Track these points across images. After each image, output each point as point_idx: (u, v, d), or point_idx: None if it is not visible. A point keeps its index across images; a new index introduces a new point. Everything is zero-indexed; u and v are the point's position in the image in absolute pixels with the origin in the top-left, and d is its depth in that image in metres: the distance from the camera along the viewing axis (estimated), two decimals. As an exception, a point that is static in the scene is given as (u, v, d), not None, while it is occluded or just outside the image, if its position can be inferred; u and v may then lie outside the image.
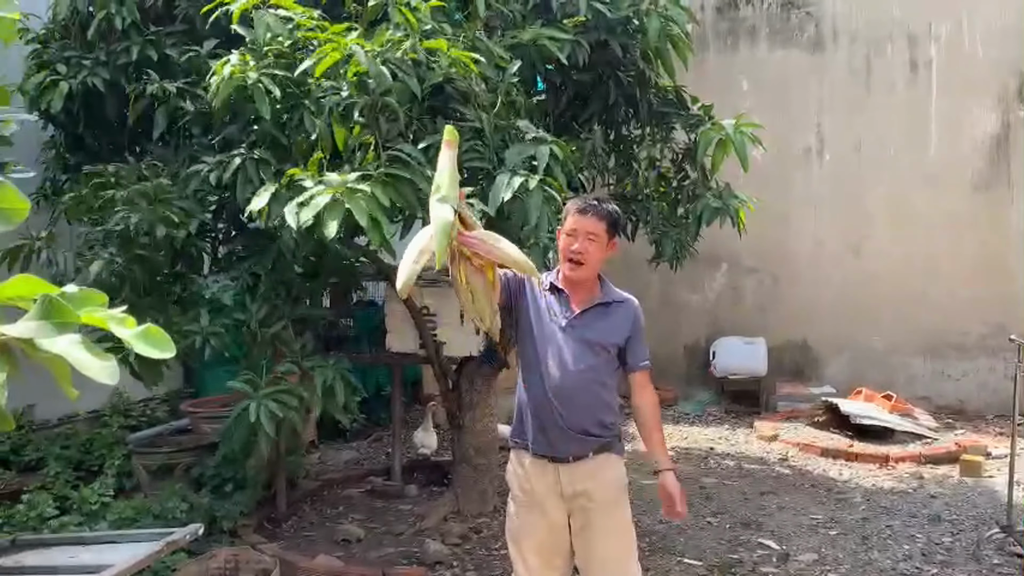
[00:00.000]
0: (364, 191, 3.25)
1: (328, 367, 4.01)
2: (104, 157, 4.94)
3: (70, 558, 3.28)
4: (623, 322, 2.86)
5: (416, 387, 8.08)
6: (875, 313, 8.36)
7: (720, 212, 4.95)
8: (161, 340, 0.85)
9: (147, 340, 0.85)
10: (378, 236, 3.29)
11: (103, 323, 0.82)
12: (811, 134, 8.63)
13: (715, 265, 8.74)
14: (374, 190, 3.29)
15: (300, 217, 3.21)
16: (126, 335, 0.84)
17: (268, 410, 3.70)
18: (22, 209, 0.75)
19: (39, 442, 5.22)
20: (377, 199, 3.28)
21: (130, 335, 0.84)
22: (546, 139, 3.90)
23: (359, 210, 3.19)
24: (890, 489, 5.76)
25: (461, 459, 5.15)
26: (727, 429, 7.73)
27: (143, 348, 0.83)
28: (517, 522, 2.90)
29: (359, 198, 3.22)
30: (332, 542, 4.63)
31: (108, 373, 0.79)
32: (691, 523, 5.05)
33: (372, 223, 3.24)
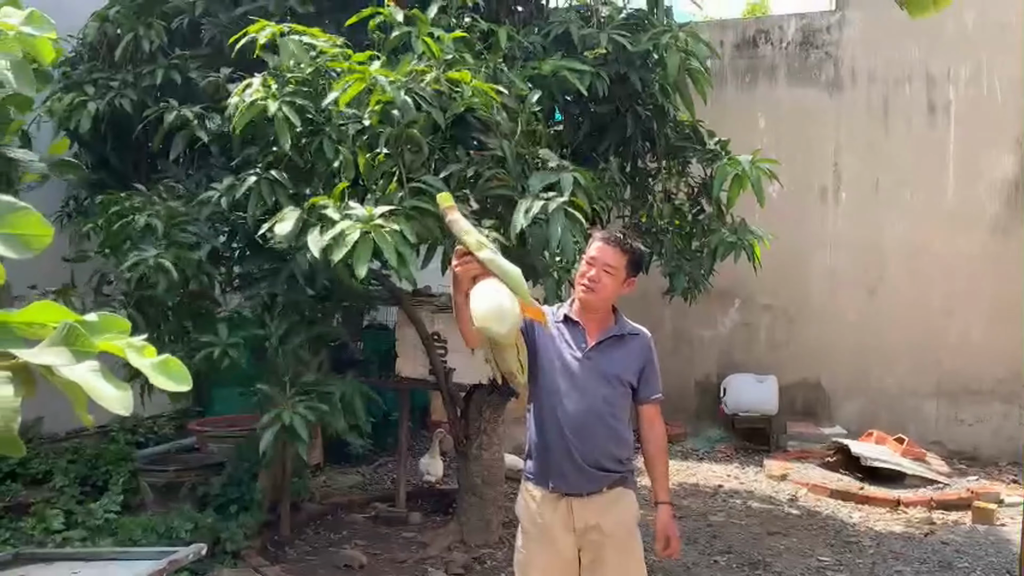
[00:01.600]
0: (392, 228, 3.27)
1: (346, 382, 4.04)
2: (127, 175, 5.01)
3: (73, 573, 3.26)
4: (637, 354, 2.85)
5: (424, 413, 8.05)
6: (889, 355, 8.29)
7: (735, 247, 4.94)
8: (178, 372, 0.86)
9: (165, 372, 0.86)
10: (406, 271, 3.33)
11: (121, 352, 0.83)
12: (828, 173, 8.63)
13: (728, 301, 8.71)
14: (401, 226, 3.32)
15: (334, 254, 3.24)
16: (144, 365, 0.85)
17: (301, 415, 3.70)
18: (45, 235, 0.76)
19: (46, 455, 5.22)
20: (404, 235, 3.31)
21: (148, 365, 0.85)
22: (568, 167, 3.92)
23: (387, 246, 3.23)
24: (900, 534, 5.68)
25: (467, 488, 5.12)
26: (736, 467, 7.65)
27: (160, 380, 0.84)
28: (526, 555, 2.86)
29: (386, 233, 3.25)
30: (334, 567, 4.60)
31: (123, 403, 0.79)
32: (697, 561, 4.98)
33: (399, 258, 3.27)
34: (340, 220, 3.35)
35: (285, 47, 3.89)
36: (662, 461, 2.91)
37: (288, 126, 3.71)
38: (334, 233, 3.29)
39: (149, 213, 3.99)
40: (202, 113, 4.40)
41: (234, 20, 4.69)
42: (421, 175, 3.70)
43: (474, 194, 3.97)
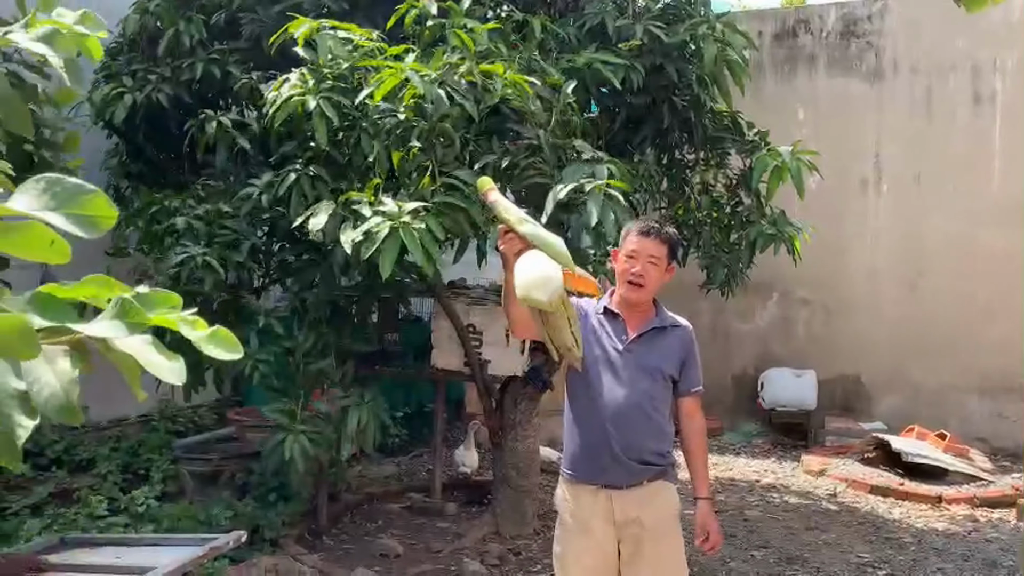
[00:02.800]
0: (419, 227, 3.29)
1: (364, 407, 4.04)
2: (163, 167, 5.09)
3: (116, 558, 3.33)
4: (678, 347, 2.83)
5: (459, 405, 8.09)
6: (930, 349, 8.15)
7: (774, 239, 4.89)
8: (230, 342, 0.87)
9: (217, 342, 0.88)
10: (431, 268, 3.35)
11: (173, 324, 0.85)
12: (869, 164, 8.50)
13: (766, 294, 8.62)
14: (429, 223, 3.34)
15: (362, 250, 3.27)
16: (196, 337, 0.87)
17: (301, 446, 3.75)
18: (110, 217, 0.79)
19: (90, 443, 5.33)
20: (432, 232, 3.32)
21: (200, 337, 0.87)
22: (603, 159, 3.90)
23: (413, 244, 3.25)
24: (942, 531, 5.58)
25: (502, 479, 5.13)
26: (773, 462, 7.58)
27: (213, 350, 0.86)
28: (565, 547, 2.85)
29: (414, 231, 3.27)
30: (371, 556, 4.64)
31: (176, 373, 0.81)
32: (734, 555, 4.94)
33: (425, 255, 3.29)
34: (371, 216, 3.38)
35: (323, 42, 3.92)
36: (702, 455, 2.88)
37: (325, 121, 3.74)
38: (364, 229, 3.32)
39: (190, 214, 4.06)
40: (240, 120, 4.44)
41: (272, 16, 4.74)
42: (454, 168, 3.71)
43: (510, 184, 3.97)
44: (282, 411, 3.92)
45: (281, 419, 3.89)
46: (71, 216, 0.77)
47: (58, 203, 0.77)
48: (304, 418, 3.90)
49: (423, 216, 3.39)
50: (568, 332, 2.38)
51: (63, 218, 0.77)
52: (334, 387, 4.13)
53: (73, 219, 0.77)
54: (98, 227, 0.78)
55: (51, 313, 0.77)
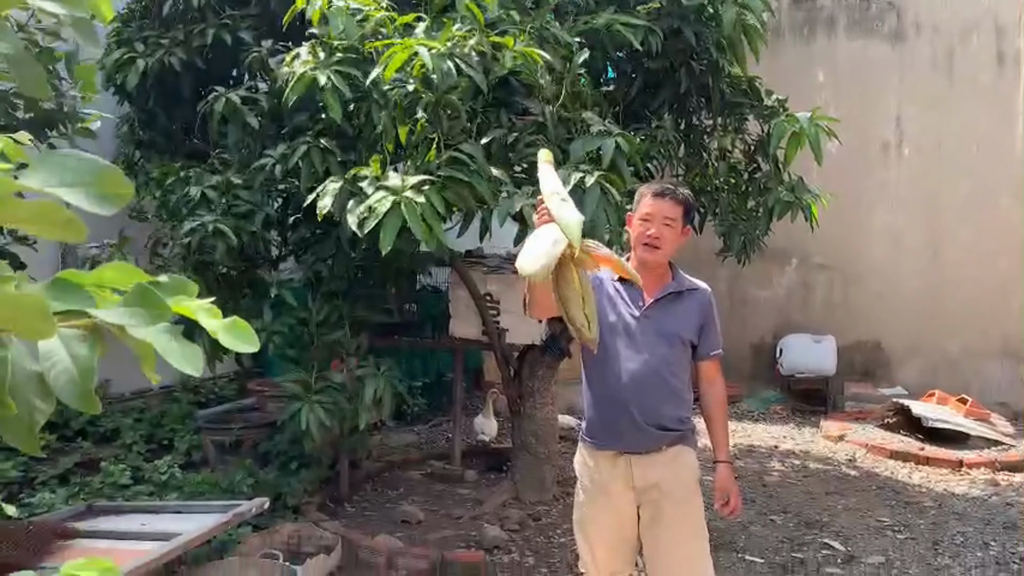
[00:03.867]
0: (421, 201, 3.27)
1: (379, 376, 4.05)
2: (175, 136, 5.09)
3: (142, 525, 3.39)
4: (697, 310, 2.80)
5: (477, 374, 8.13)
6: (951, 315, 8.09)
7: (792, 206, 4.84)
8: (246, 333, 0.88)
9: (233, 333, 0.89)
10: (434, 242, 3.34)
11: (191, 313, 0.85)
12: (889, 128, 8.38)
13: (785, 261, 8.57)
14: (431, 198, 3.32)
15: (366, 226, 3.26)
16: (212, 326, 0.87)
17: (317, 416, 3.77)
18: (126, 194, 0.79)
19: (114, 415, 5.41)
20: (434, 206, 3.31)
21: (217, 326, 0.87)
22: (612, 132, 3.85)
23: (414, 219, 3.23)
24: (963, 495, 5.58)
25: (521, 446, 5.16)
26: (792, 428, 7.58)
27: (229, 341, 0.87)
28: (585, 511, 2.86)
29: (415, 205, 3.25)
30: (392, 522, 4.69)
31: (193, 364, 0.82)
32: (754, 520, 4.97)
33: (426, 230, 3.27)
34: (374, 192, 3.37)
35: (335, 17, 3.88)
36: (722, 419, 2.87)
37: (338, 96, 3.72)
38: (367, 204, 3.32)
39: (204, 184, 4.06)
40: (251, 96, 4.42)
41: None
42: (461, 141, 3.68)
43: (513, 159, 3.95)
44: (297, 381, 3.94)
45: (296, 389, 3.92)
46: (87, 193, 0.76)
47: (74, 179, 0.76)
48: (319, 388, 3.92)
49: (426, 190, 3.37)
50: (580, 309, 2.34)
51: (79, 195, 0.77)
52: (349, 358, 4.15)
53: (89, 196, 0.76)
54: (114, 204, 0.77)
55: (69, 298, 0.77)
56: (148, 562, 2.91)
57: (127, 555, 2.95)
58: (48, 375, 0.74)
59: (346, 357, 4.18)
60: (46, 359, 0.74)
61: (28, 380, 0.74)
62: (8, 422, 0.75)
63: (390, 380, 4.07)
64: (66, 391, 0.74)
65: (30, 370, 0.75)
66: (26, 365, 0.75)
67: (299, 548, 4.04)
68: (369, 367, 4.08)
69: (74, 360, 0.75)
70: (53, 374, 0.74)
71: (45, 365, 0.74)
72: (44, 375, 0.74)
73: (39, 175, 0.75)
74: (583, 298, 2.33)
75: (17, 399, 0.73)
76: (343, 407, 3.93)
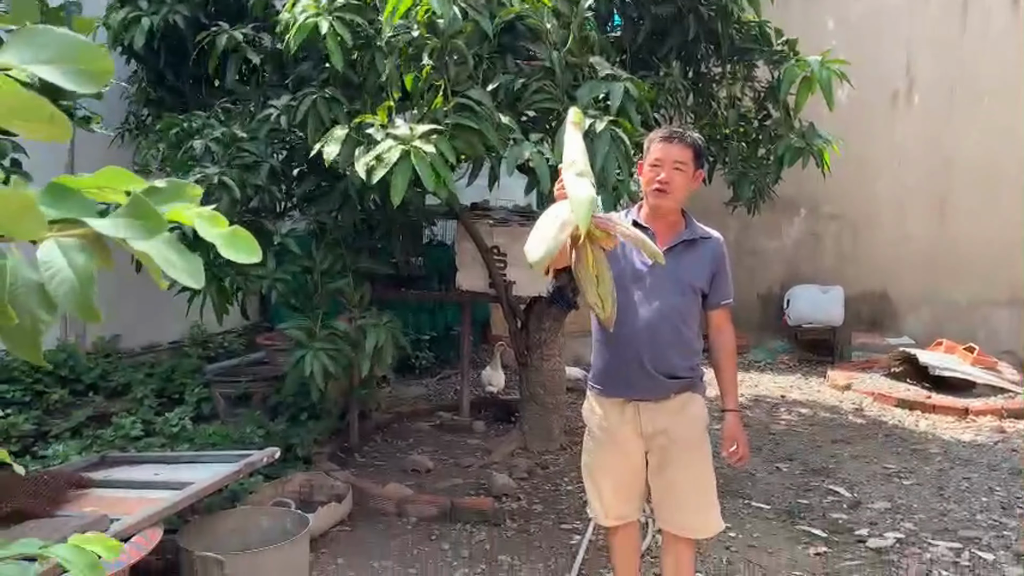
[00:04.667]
0: (430, 150, 3.23)
1: (381, 327, 4.05)
2: (185, 93, 5.03)
3: (155, 475, 3.43)
4: (708, 259, 2.76)
5: (485, 327, 8.15)
6: (959, 264, 8.05)
7: (803, 152, 4.78)
8: (249, 244, 0.85)
9: (234, 244, 0.85)
10: (444, 191, 3.30)
11: (190, 221, 0.82)
12: (900, 76, 8.26)
13: (794, 211, 8.52)
14: (440, 146, 3.27)
15: (374, 175, 3.22)
16: (213, 235, 0.84)
17: (320, 363, 3.78)
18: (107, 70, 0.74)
19: (124, 369, 5.44)
20: (444, 155, 3.27)
21: (217, 236, 0.84)
22: (620, 76, 3.79)
23: (425, 168, 3.19)
24: (969, 442, 5.60)
25: (528, 397, 5.19)
26: (799, 378, 7.60)
27: (230, 251, 0.83)
28: (594, 458, 2.88)
29: (425, 154, 3.21)
30: (402, 472, 4.74)
31: (194, 275, 0.79)
32: (760, 468, 5.00)
33: (436, 179, 3.24)
34: (382, 140, 3.33)
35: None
36: (730, 368, 2.86)
37: (339, 43, 3.66)
38: (375, 153, 3.28)
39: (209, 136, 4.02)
40: (252, 35, 4.36)
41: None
42: (467, 87, 3.63)
43: (521, 106, 3.89)
44: (301, 328, 3.94)
45: (299, 336, 3.92)
46: (67, 70, 0.72)
47: (52, 55, 0.72)
48: (323, 336, 3.92)
49: (435, 139, 3.33)
50: (593, 289, 2.31)
51: (58, 72, 0.73)
52: (352, 307, 4.14)
53: (69, 73, 0.72)
54: (95, 81, 0.73)
55: (65, 205, 0.75)
56: (161, 510, 2.94)
57: (141, 503, 2.99)
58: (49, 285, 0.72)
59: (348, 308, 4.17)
60: (46, 268, 0.72)
61: (29, 290, 0.73)
62: (11, 332, 0.73)
63: (392, 331, 4.07)
64: (67, 300, 0.72)
65: (30, 280, 0.73)
66: (26, 275, 0.73)
67: (311, 496, 4.09)
68: (372, 317, 4.08)
69: (73, 269, 0.73)
70: (53, 284, 0.72)
71: (45, 275, 0.72)
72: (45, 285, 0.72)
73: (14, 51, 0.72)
74: (597, 278, 2.29)
75: (18, 309, 0.72)
76: (347, 354, 3.93)
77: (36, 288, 0.73)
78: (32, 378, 4.84)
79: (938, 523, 4.19)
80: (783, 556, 3.77)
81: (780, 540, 3.95)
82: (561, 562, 3.66)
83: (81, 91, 0.72)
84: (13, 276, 0.72)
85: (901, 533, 4.03)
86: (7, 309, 0.71)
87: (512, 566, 3.63)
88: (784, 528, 4.10)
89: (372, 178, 3.25)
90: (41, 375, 4.89)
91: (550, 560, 3.68)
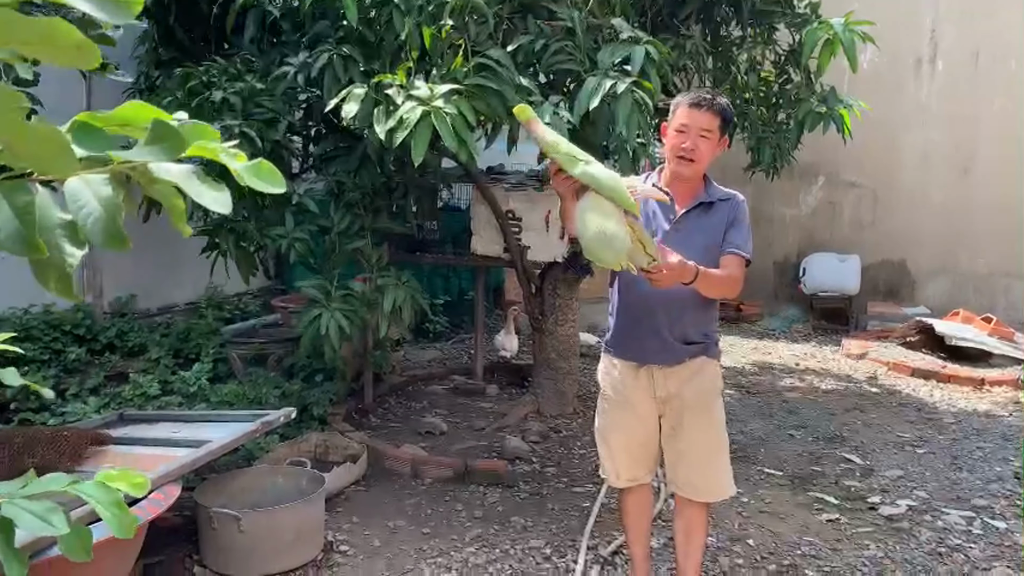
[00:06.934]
0: (451, 111, 3.19)
1: (400, 287, 4.04)
2: (196, 52, 5.00)
3: (173, 432, 3.46)
4: (725, 218, 2.70)
5: (498, 292, 8.15)
6: (979, 234, 7.97)
7: (824, 117, 4.71)
8: (273, 175, 0.85)
9: (259, 174, 0.86)
10: (465, 153, 3.27)
11: (214, 155, 0.82)
12: (923, 41, 8.11)
13: (812, 179, 8.44)
14: (461, 107, 3.24)
15: (395, 137, 3.19)
16: (238, 168, 0.84)
17: (336, 323, 3.77)
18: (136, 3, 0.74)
19: (140, 330, 5.48)
20: (464, 116, 3.23)
21: (241, 168, 0.85)
22: (641, 39, 3.73)
23: (446, 130, 3.15)
24: (984, 412, 5.58)
25: (542, 362, 5.20)
26: (813, 346, 7.58)
27: (254, 182, 0.84)
28: (607, 420, 2.89)
29: (445, 116, 3.17)
30: (416, 433, 4.77)
31: (221, 202, 0.79)
32: (773, 435, 5.01)
33: (459, 141, 3.20)
34: (403, 101, 3.30)
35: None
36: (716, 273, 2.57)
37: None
38: (397, 116, 3.24)
39: (227, 88, 3.99)
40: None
41: None
42: (487, 47, 3.58)
43: (541, 68, 3.85)
44: (317, 287, 3.94)
45: (316, 295, 3.92)
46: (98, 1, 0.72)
47: None
48: (339, 296, 3.93)
49: (455, 100, 3.29)
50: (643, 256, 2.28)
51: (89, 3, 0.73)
52: (369, 268, 4.14)
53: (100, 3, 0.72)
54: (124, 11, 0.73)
55: (90, 142, 0.75)
56: (179, 467, 2.98)
57: (159, 460, 3.02)
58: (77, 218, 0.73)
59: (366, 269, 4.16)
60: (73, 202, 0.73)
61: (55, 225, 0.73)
62: (41, 265, 0.74)
63: (410, 291, 4.06)
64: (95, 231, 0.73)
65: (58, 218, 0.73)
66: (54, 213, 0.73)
67: (326, 456, 4.12)
68: (390, 277, 4.07)
69: (100, 201, 0.73)
70: (81, 216, 0.73)
71: (73, 208, 0.73)
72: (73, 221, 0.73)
73: None
74: (643, 243, 2.27)
75: (48, 244, 0.72)
76: (363, 314, 3.93)
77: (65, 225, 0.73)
78: (50, 336, 4.88)
79: (950, 491, 4.19)
80: (795, 522, 3.78)
81: (792, 506, 3.96)
82: (573, 524, 3.68)
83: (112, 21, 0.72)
84: (40, 212, 0.72)
85: (913, 501, 4.03)
86: (39, 243, 0.71)
87: (525, 527, 3.66)
88: (796, 494, 4.11)
89: (393, 140, 3.23)
90: (59, 334, 4.93)
91: (563, 522, 3.71)
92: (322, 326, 3.77)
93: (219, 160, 0.81)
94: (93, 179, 0.73)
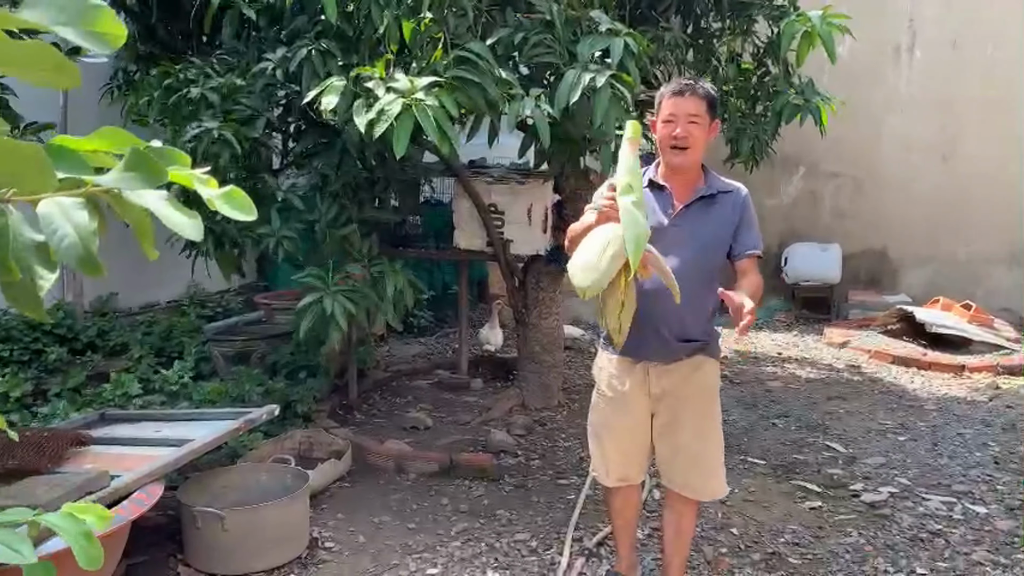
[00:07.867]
0: (433, 104, 3.18)
1: (398, 273, 4.04)
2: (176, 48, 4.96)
3: (155, 432, 3.45)
4: (730, 212, 2.66)
5: (482, 286, 8.15)
6: (960, 222, 8.04)
7: (801, 109, 4.73)
8: (243, 203, 0.86)
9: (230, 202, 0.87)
10: (447, 145, 3.26)
11: (188, 181, 0.83)
12: (902, 29, 8.16)
13: (792, 168, 8.48)
14: (442, 99, 3.22)
15: (375, 130, 3.18)
16: (210, 195, 0.85)
17: (341, 305, 3.75)
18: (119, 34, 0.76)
19: (122, 329, 5.45)
20: (446, 109, 3.22)
21: (214, 195, 0.85)
22: (620, 31, 3.73)
23: (427, 122, 3.14)
24: (964, 398, 5.64)
25: (526, 355, 5.21)
26: (795, 335, 7.63)
27: (227, 209, 0.85)
28: (600, 416, 2.86)
29: (427, 108, 3.16)
30: (401, 429, 4.77)
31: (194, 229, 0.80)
32: (756, 424, 5.04)
33: (440, 134, 3.19)
34: (383, 94, 3.28)
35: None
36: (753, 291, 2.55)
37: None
38: (377, 108, 3.23)
39: (204, 85, 3.96)
40: None
41: None
42: (467, 40, 3.58)
43: (521, 60, 3.84)
44: (315, 276, 3.92)
45: (315, 282, 3.89)
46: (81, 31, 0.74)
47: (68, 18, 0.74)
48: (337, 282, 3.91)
49: (436, 92, 3.28)
50: (616, 316, 2.35)
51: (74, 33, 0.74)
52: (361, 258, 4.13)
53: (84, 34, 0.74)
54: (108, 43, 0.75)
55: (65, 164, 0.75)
56: (162, 466, 2.97)
57: (141, 460, 3.01)
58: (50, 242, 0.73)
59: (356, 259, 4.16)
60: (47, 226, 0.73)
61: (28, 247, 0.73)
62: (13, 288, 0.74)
63: (407, 276, 4.09)
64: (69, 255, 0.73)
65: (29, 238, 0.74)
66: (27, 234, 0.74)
67: (310, 453, 4.12)
68: (385, 265, 4.08)
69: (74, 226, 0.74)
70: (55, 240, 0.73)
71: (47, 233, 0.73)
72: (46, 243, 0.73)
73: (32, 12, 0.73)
74: (623, 304, 2.32)
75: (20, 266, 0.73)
76: (368, 296, 3.91)
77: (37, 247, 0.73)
78: (30, 337, 4.85)
79: (932, 477, 4.23)
80: (778, 510, 3.81)
81: (775, 495, 3.99)
82: (559, 516, 3.70)
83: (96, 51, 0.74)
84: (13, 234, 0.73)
85: (895, 488, 4.08)
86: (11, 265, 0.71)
87: (510, 520, 3.67)
88: (780, 483, 4.15)
89: (373, 132, 3.21)
90: (39, 334, 4.89)
91: (548, 514, 3.72)
92: (327, 308, 3.72)
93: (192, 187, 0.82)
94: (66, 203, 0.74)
